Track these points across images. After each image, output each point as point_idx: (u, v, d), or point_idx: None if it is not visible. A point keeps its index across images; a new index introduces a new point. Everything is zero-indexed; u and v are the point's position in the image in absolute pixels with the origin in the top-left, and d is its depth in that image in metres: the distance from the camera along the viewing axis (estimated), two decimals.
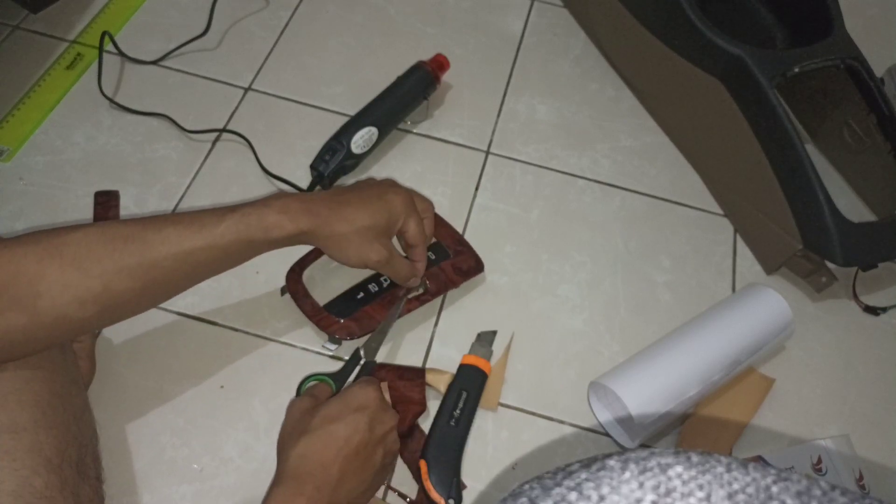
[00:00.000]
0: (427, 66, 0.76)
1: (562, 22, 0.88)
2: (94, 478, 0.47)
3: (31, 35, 0.81)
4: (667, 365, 0.58)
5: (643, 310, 0.67)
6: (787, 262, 0.68)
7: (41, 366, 0.47)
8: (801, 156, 0.63)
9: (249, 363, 0.61)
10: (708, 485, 0.22)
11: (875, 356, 0.66)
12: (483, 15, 0.88)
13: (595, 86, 0.83)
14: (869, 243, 0.64)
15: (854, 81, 0.68)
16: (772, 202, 0.67)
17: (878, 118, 0.68)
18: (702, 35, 0.68)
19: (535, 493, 0.23)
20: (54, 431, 0.44)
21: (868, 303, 0.68)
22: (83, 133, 0.73)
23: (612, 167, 0.76)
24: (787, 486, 0.22)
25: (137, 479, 0.55)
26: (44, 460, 0.43)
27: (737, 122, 0.68)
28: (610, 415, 0.59)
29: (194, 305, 0.63)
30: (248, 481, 0.55)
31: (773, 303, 0.62)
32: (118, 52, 0.79)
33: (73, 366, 0.51)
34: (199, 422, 0.57)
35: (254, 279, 0.65)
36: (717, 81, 0.69)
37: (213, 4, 0.82)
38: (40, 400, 0.45)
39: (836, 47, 0.67)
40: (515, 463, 0.58)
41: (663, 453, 0.23)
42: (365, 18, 0.86)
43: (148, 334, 0.61)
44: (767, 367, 0.64)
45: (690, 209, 0.74)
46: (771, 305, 0.62)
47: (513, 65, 0.84)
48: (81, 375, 0.54)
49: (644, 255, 0.70)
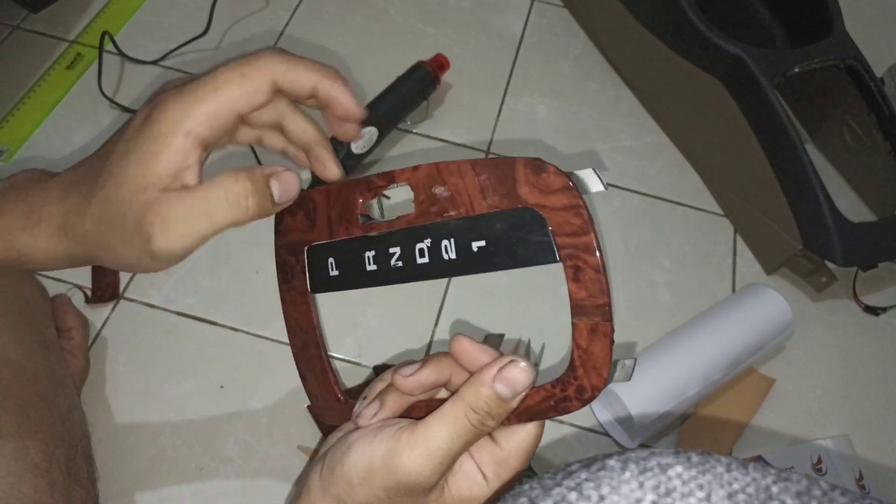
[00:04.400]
0: (427, 66, 0.76)
1: (562, 22, 0.88)
2: (86, 478, 0.47)
3: (31, 35, 0.81)
4: (667, 365, 0.58)
5: (643, 310, 0.67)
6: (787, 262, 0.68)
7: (23, 368, 0.46)
8: (801, 156, 0.63)
9: (249, 363, 0.61)
10: (708, 485, 0.21)
11: (875, 356, 0.66)
12: (483, 15, 0.88)
13: (595, 86, 0.83)
14: (869, 243, 0.64)
15: (854, 81, 0.68)
16: (772, 202, 0.67)
17: (878, 118, 0.68)
18: (702, 35, 0.68)
19: (535, 493, 0.23)
20: (40, 435, 0.44)
21: (868, 303, 0.68)
22: (83, 133, 0.73)
23: (612, 167, 0.76)
24: (787, 486, 0.22)
25: (137, 479, 0.55)
26: (30, 465, 0.42)
27: (737, 122, 0.68)
28: (610, 415, 0.59)
29: (194, 305, 0.63)
30: (248, 481, 0.55)
31: (773, 303, 0.62)
32: (118, 52, 0.79)
33: (58, 365, 0.51)
34: (199, 422, 0.57)
35: (254, 279, 0.65)
36: (717, 81, 0.69)
37: (213, 4, 0.82)
38: (24, 403, 0.44)
39: (836, 47, 0.67)
40: None
41: (663, 453, 0.23)
42: (365, 18, 0.86)
43: (148, 334, 0.61)
44: (767, 367, 0.64)
45: (690, 209, 0.74)
46: (771, 305, 0.62)
47: (513, 65, 0.84)
48: (69, 374, 0.53)
49: (644, 255, 0.70)
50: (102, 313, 0.62)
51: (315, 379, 0.40)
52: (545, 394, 0.33)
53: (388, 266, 0.35)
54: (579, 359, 0.32)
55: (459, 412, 0.32)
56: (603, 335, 0.31)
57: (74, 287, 0.63)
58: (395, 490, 0.32)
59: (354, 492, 0.32)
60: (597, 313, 0.31)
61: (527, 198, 0.31)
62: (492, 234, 0.32)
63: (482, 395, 0.31)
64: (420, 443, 0.31)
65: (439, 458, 0.31)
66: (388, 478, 0.31)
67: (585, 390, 0.32)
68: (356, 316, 0.63)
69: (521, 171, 0.31)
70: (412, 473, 0.31)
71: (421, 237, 0.34)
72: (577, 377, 0.32)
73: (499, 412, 0.32)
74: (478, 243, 0.33)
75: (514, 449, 0.33)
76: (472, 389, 0.32)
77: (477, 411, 0.31)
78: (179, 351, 0.61)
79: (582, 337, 0.31)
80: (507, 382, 0.31)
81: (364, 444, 0.32)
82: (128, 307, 0.63)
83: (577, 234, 0.31)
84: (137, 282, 0.64)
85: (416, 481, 0.31)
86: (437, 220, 0.33)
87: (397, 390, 0.35)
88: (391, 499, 0.32)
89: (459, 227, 0.33)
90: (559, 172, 0.31)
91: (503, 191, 0.32)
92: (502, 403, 0.32)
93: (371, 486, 0.32)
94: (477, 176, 0.33)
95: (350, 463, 0.32)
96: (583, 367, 0.31)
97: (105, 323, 0.62)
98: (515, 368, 0.31)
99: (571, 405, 0.32)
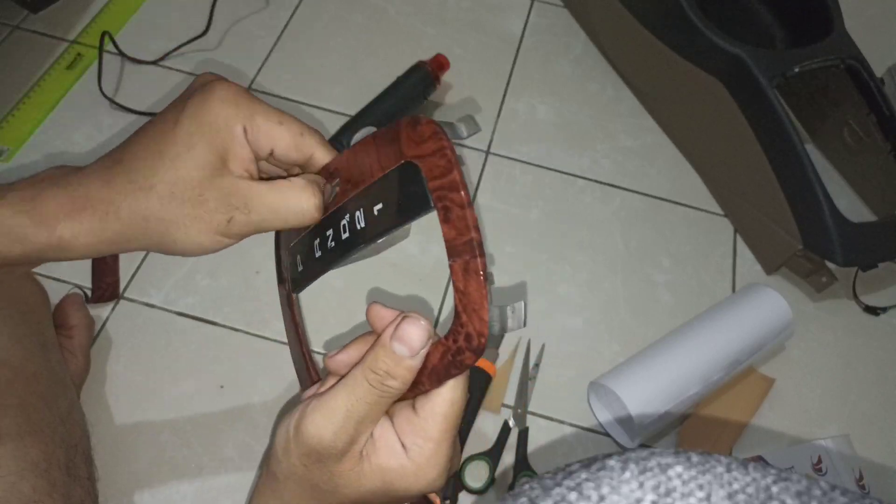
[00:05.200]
0: (427, 66, 0.76)
1: (562, 22, 0.88)
2: (86, 478, 0.47)
3: (31, 35, 0.81)
4: (667, 365, 0.58)
5: (643, 310, 0.67)
6: (787, 262, 0.68)
7: (23, 368, 0.46)
8: (801, 156, 0.63)
9: (249, 363, 0.61)
10: (708, 485, 0.22)
11: (875, 356, 0.66)
12: (483, 15, 0.88)
13: (595, 86, 0.83)
14: (869, 243, 0.64)
15: (854, 81, 0.68)
16: (772, 202, 0.67)
17: (878, 118, 0.68)
18: (702, 35, 0.68)
19: (535, 493, 0.23)
20: (40, 435, 0.44)
21: (868, 303, 0.68)
22: (83, 133, 0.73)
23: (612, 167, 0.76)
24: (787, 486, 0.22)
25: (137, 479, 0.55)
26: (30, 465, 0.42)
27: (737, 122, 0.68)
28: (610, 415, 0.59)
29: (194, 305, 0.63)
30: (248, 481, 0.55)
31: (773, 303, 0.62)
32: (118, 52, 0.79)
33: (57, 365, 0.51)
34: (199, 422, 0.57)
35: (254, 279, 0.65)
36: (717, 81, 0.69)
37: (213, 4, 0.82)
38: (23, 403, 0.44)
39: (836, 47, 0.67)
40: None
41: (663, 453, 0.23)
42: (365, 18, 0.86)
43: (148, 334, 0.61)
44: (767, 367, 0.64)
45: (690, 209, 0.74)
46: (771, 305, 0.62)
47: (513, 65, 0.84)
48: (69, 374, 0.53)
49: (644, 255, 0.70)
50: (102, 313, 0.62)
51: (303, 374, 0.40)
52: (443, 349, 0.32)
53: (327, 248, 0.36)
54: (460, 303, 0.31)
55: (358, 374, 0.32)
56: (475, 273, 0.30)
57: (74, 287, 0.63)
58: (307, 457, 0.32)
59: (280, 464, 0.33)
60: (466, 250, 0.30)
61: (407, 152, 0.32)
62: (385, 195, 0.33)
63: (379, 356, 0.32)
64: (321, 407, 0.32)
65: (340, 420, 0.31)
66: (299, 445, 0.32)
67: (472, 337, 0.31)
68: (356, 314, 0.64)
69: (403, 130, 0.32)
70: (315, 436, 0.31)
71: (342, 215, 0.35)
72: (462, 324, 0.31)
73: (400, 371, 0.32)
74: (377, 206, 0.33)
75: (429, 415, 0.33)
76: (371, 351, 0.32)
77: (375, 371, 0.32)
78: (179, 351, 0.61)
79: (458, 279, 0.31)
80: (403, 339, 0.31)
81: (287, 417, 0.33)
82: (128, 307, 0.63)
83: (444, 174, 0.31)
84: (137, 282, 0.64)
85: (321, 444, 0.32)
86: (352, 195, 0.35)
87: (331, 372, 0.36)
88: (307, 467, 0.33)
89: (364, 196, 0.34)
90: (430, 122, 0.31)
91: (392, 153, 0.33)
92: (400, 360, 0.31)
93: (289, 455, 0.33)
94: (377, 147, 0.34)
95: (276, 435, 0.34)
96: (465, 311, 0.31)
97: (105, 323, 0.62)
98: (409, 324, 0.31)
99: (465, 357, 0.31)
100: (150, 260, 0.65)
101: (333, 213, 0.36)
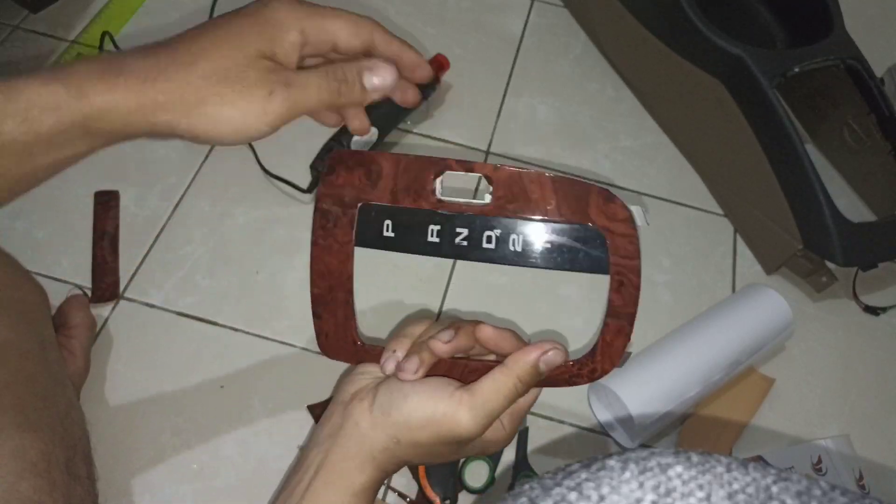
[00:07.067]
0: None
1: (562, 22, 0.88)
2: (86, 477, 0.47)
3: (31, 35, 0.81)
4: (667, 365, 0.58)
5: (643, 310, 0.66)
6: (787, 262, 0.68)
7: (21, 368, 0.46)
8: (801, 156, 0.63)
9: (249, 363, 0.61)
10: (708, 485, 0.22)
11: (875, 356, 0.66)
12: (483, 15, 0.88)
13: (595, 86, 0.83)
14: (869, 243, 0.64)
15: (854, 81, 0.68)
16: (772, 202, 0.67)
17: (878, 118, 0.68)
18: (702, 35, 0.68)
19: (535, 493, 0.23)
20: (39, 434, 0.44)
21: (868, 303, 0.68)
22: None
23: (612, 167, 0.76)
24: (787, 486, 0.22)
25: (137, 479, 0.55)
26: (29, 464, 0.42)
27: (737, 122, 0.68)
28: (610, 415, 0.59)
29: (194, 305, 0.63)
30: (247, 481, 0.55)
31: (773, 303, 0.62)
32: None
33: (56, 365, 0.51)
34: (198, 422, 0.57)
35: (254, 279, 0.65)
36: (717, 81, 0.69)
37: (213, 5, 0.82)
38: (22, 403, 0.44)
39: (836, 47, 0.67)
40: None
41: (663, 453, 0.23)
42: None
43: (148, 334, 0.61)
44: (767, 367, 0.64)
45: (690, 209, 0.74)
46: (771, 305, 0.62)
47: (513, 65, 0.84)
48: (68, 374, 0.53)
49: (644, 255, 0.70)
50: (103, 313, 0.62)
51: (334, 321, 0.44)
52: (564, 369, 0.42)
53: (452, 242, 0.40)
54: (601, 349, 0.41)
55: (510, 383, 0.39)
56: (625, 335, 0.41)
57: (74, 287, 0.63)
58: (446, 438, 0.39)
59: (412, 434, 0.39)
60: (626, 319, 0.41)
61: (595, 219, 0.39)
62: (558, 239, 0.40)
63: (530, 373, 0.40)
64: (478, 406, 0.39)
65: (491, 418, 0.39)
66: (444, 429, 0.39)
67: (596, 371, 0.42)
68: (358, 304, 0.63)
69: (594, 196, 0.39)
70: (469, 429, 0.39)
71: (492, 226, 0.40)
72: (594, 361, 0.42)
73: (533, 382, 0.40)
74: (544, 244, 0.40)
75: (524, 403, 0.43)
76: (520, 364, 0.40)
77: (524, 381, 0.40)
78: (179, 351, 0.61)
79: (609, 333, 0.41)
80: (549, 363, 0.40)
81: (425, 398, 0.39)
82: (128, 307, 0.63)
83: (629, 257, 0.40)
84: (137, 282, 0.64)
85: (468, 435, 0.39)
86: (512, 216, 0.40)
87: (431, 351, 0.41)
88: (434, 444, 0.40)
89: (531, 226, 0.40)
90: (625, 206, 0.39)
91: (576, 207, 0.39)
92: (538, 376, 0.40)
93: (427, 432, 0.39)
94: (555, 190, 0.39)
95: (410, 410, 0.39)
96: (601, 355, 0.41)
97: (105, 323, 0.62)
98: (557, 356, 0.40)
99: (579, 380, 0.42)
100: (150, 260, 0.65)
101: (476, 217, 0.40)
